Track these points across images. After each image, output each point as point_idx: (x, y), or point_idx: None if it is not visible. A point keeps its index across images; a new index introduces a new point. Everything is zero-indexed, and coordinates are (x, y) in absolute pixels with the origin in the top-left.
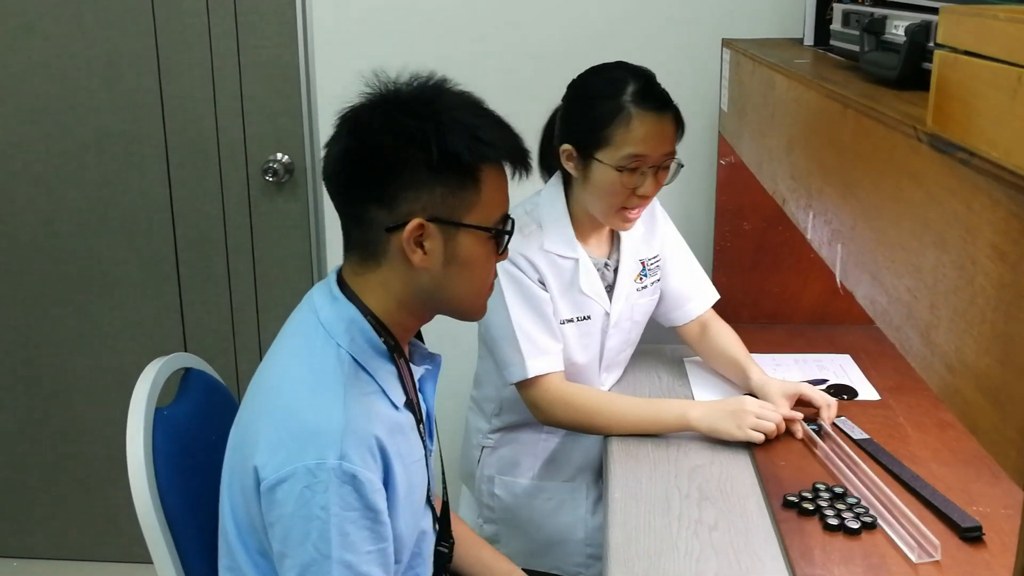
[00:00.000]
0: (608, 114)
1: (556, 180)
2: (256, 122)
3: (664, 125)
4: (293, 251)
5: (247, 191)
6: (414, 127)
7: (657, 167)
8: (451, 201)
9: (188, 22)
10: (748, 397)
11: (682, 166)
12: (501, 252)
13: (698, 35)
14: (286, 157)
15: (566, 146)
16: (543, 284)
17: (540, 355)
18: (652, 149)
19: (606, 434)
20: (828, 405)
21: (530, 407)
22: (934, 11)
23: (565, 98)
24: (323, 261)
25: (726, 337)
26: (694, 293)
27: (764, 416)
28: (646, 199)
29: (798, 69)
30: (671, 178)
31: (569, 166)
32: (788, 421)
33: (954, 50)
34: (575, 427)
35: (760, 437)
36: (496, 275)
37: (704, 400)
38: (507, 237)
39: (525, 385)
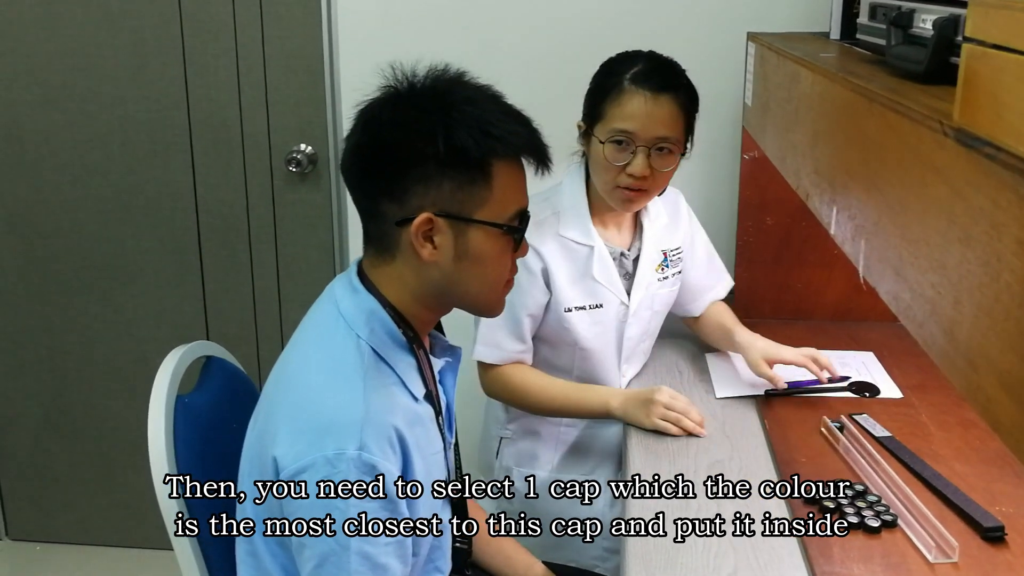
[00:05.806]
0: (606, 89)
1: (578, 167)
2: (280, 112)
3: (658, 107)
4: (316, 241)
5: (270, 181)
6: (421, 121)
7: (649, 148)
8: (460, 196)
9: (213, 12)
10: (664, 388)
11: (684, 155)
12: (518, 248)
13: (723, 29)
14: (310, 148)
15: (579, 121)
16: (546, 276)
17: (493, 347)
18: (641, 128)
19: (539, 413)
20: (812, 359)
21: (481, 382)
22: (963, 4)
23: None
24: (346, 252)
25: (717, 309)
26: (712, 284)
27: (671, 407)
28: (640, 180)
29: (823, 63)
30: (669, 165)
31: (582, 142)
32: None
33: (982, 44)
34: (511, 404)
35: (671, 428)
36: (516, 270)
37: (630, 390)
38: (522, 233)
39: (478, 364)
